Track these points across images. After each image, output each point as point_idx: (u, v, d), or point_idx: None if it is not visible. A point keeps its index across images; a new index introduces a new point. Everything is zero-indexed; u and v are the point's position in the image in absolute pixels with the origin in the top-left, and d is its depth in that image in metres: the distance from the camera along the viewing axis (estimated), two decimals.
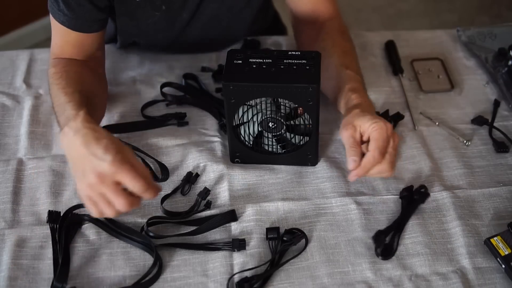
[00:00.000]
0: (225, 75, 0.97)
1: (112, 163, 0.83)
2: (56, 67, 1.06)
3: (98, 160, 0.84)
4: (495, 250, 0.93)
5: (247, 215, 0.99)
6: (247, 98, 0.97)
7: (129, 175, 0.84)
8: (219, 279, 0.91)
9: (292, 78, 0.95)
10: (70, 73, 1.04)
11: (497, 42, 1.29)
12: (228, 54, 1.00)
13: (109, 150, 0.85)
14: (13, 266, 0.92)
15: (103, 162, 0.84)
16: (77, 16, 1.03)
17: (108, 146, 0.85)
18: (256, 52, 1.00)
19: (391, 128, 0.91)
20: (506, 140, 1.11)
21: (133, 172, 0.84)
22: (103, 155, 0.84)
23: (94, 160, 0.84)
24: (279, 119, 0.99)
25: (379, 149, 0.89)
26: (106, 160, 0.84)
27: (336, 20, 1.16)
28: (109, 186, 0.84)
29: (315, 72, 0.96)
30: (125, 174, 0.84)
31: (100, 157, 0.84)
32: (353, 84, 1.01)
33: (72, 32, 1.06)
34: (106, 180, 0.84)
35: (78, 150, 0.87)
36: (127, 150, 0.87)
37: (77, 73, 1.05)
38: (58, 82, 1.02)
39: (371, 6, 2.85)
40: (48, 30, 1.09)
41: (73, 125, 0.89)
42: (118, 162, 0.84)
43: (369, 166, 0.90)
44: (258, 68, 0.97)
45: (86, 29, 1.06)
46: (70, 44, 1.08)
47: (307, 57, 0.98)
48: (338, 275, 0.91)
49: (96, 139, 0.86)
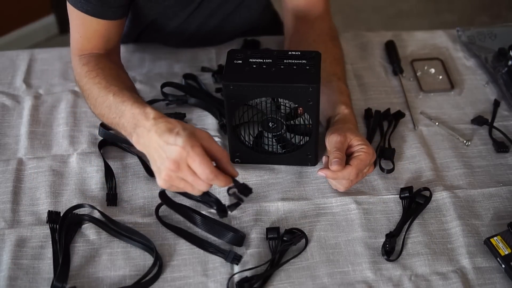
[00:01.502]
0: (225, 75, 0.97)
1: (182, 147, 0.83)
2: (88, 65, 1.04)
3: (171, 146, 0.84)
4: (495, 250, 0.93)
5: (247, 215, 0.99)
6: (247, 98, 0.97)
7: (197, 159, 0.83)
8: (219, 279, 0.91)
9: (292, 78, 0.95)
10: (105, 71, 1.03)
11: (497, 42, 1.29)
12: (228, 54, 1.00)
13: (180, 135, 0.84)
14: (13, 266, 0.92)
15: (175, 146, 0.83)
16: (102, 2, 1.02)
17: (179, 132, 0.85)
18: (256, 52, 1.00)
19: (374, 158, 0.98)
20: (506, 140, 1.11)
21: (201, 157, 0.83)
22: (175, 140, 0.84)
23: (167, 148, 0.84)
24: (279, 119, 0.99)
25: (359, 169, 0.96)
26: (178, 144, 0.83)
27: (327, 21, 1.19)
28: (186, 171, 0.84)
29: (315, 72, 0.96)
30: (194, 158, 0.83)
31: (172, 142, 0.84)
32: (346, 99, 1.06)
33: (98, 21, 1.04)
34: (181, 165, 0.84)
35: (154, 143, 0.87)
36: (202, 134, 0.87)
37: (112, 69, 1.04)
38: (97, 81, 1.01)
39: (371, 6, 2.85)
40: (48, 30, 1.10)
41: (147, 124, 0.89)
42: (189, 146, 0.83)
43: (343, 176, 0.96)
44: (258, 68, 0.97)
45: (112, 16, 1.05)
46: (97, 34, 1.06)
47: (307, 57, 0.98)
48: (338, 275, 0.91)
49: (169, 129, 0.86)
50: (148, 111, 0.90)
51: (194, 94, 1.18)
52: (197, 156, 0.83)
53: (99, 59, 1.06)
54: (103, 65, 1.04)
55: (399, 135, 1.13)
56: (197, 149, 0.83)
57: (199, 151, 0.83)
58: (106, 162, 1.05)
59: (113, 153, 1.08)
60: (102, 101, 0.99)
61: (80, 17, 1.04)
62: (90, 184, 1.04)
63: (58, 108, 1.17)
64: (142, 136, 0.89)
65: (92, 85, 1.01)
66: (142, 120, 0.90)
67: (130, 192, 1.02)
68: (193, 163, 0.84)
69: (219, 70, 1.23)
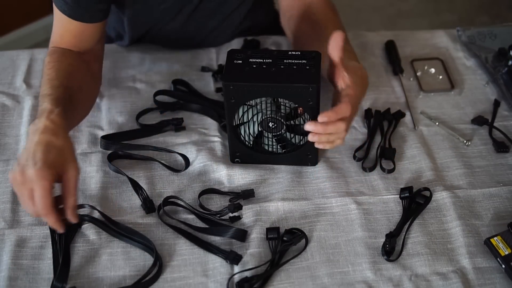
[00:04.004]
0: (225, 75, 0.97)
1: (37, 171, 0.84)
2: (51, 56, 1.06)
3: (32, 160, 0.85)
4: (495, 250, 0.93)
5: (247, 215, 0.99)
6: (247, 98, 0.97)
7: (40, 192, 0.84)
8: (219, 279, 0.91)
9: (292, 78, 0.95)
10: (62, 65, 1.04)
11: (497, 42, 1.29)
12: (228, 54, 1.00)
13: (45, 159, 0.85)
14: (13, 266, 0.92)
15: (34, 166, 0.84)
16: (79, 5, 1.03)
17: (49, 154, 0.86)
18: (256, 52, 1.00)
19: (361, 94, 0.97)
20: (506, 140, 1.11)
21: (43, 192, 0.84)
22: (38, 159, 0.85)
23: (30, 159, 0.85)
24: (279, 119, 0.99)
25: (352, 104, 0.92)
26: (36, 165, 0.84)
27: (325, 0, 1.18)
28: (26, 190, 0.85)
29: (315, 72, 0.95)
30: (37, 188, 0.84)
31: (35, 159, 0.85)
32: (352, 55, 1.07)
33: (72, 22, 1.05)
34: (26, 182, 0.84)
35: (30, 143, 0.88)
36: (70, 169, 0.87)
37: (70, 65, 1.05)
38: (49, 73, 1.02)
39: (371, 6, 2.85)
40: (48, 30, 1.09)
41: (41, 122, 0.90)
42: (41, 175, 0.84)
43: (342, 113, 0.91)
44: (258, 68, 0.97)
45: (87, 19, 1.06)
46: (70, 34, 1.07)
47: (307, 57, 0.98)
48: (338, 275, 0.91)
49: (47, 143, 0.87)
50: (55, 111, 0.92)
51: (190, 99, 1.17)
52: (40, 190, 0.84)
53: (63, 53, 1.06)
54: (63, 59, 1.05)
55: (399, 135, 1.13)
56: (45, 183, 0.84)
57: (45, 186, 0.84)
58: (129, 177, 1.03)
59: (118, 163, 1.08)
60: (42, 90, 0.99)
61: (59, 15, 1.06)
62: (90, 184, 1.04)
63: None
64: (33, 126, 0.91)
65: (45, 75, 1.02)
66: (42, 116, 0.91)
67: (130, 192, 1.02)
68: (35, 191, 0.84)
69: (219, 70, 1.23)
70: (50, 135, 0.89)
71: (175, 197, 0.99)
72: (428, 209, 1.00)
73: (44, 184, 0.84)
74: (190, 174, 1.05)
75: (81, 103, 1.04)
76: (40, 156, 0.85)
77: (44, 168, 0.84)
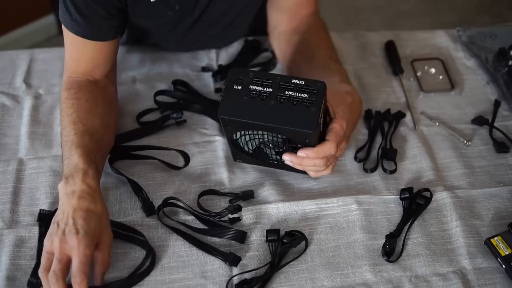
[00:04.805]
0: (221, 107, 0.91)
1: (79, 239, 0.85)
2: (68, 91, 1.03)
3: (73, 227, 0.85)
4: (495, 250, 0.93)
5: (247, 216, 0.98)
6: (243, 129, 0.93)
7: (81, 259, 0.84)
8: (218, 281, 0.90)
9: (290, 120, 0.89)
10: (81, 102, 1.01)
11: (497, 42, 1.29)
12: (229, 75, 0.93)
13: (87, 227, 0.86)
14: (11, 266, 0.92)
15: (75, 233, 0.85)
16: (92, 23, 1.00)
17: (90, 222, 0.87)
18: (258, 76, 0.92)
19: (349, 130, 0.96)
20: (506, 140, 1.11)
21: (83, 261, 0.84)
22: (80, 227, 0.85)
23: (71, 225, 0.86)
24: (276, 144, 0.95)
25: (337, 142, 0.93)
26: (78, 234, 0.85)
27: (316, 17, 1.19)
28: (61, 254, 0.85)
29: (315, 112, 0.89)
30: (76, 257, 0.84)
31: (76, 227, 0.85)
32: (345, 78, 1.07)
33: (87, 43, 1.02)
34: (64, 248, 0.85)
35: (68, 206, 0.88)
36: (106, 236, 0.88)
37: (89, 101, 1.02)
38: (69, 113, 1.00)
39: (371, 6, 2.84)
40: (48, 30, 1.09)
41: (77, 184, 0.90)
42: (86, 243, 0.85)
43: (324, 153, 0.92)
44: (257, 100, 0.90)
45: (103, 37, 1.03)
46: (86, 57, 1.05)
47: (310, 90, 0.90)
48: (338, 277, 0.91)
49: (87, 210, 0.88)
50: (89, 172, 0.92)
51: (189, 99, 1.17)
52: (82, 257, 0.84)
53: (81, 87, 1.04)
54: (81, 95, 1.02)
55: (399, 135, 1.12)
56: (87, 251, 0.85)
57: (87, 253, 0.85)
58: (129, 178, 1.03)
59: (118, 163, 1.07)
60: (65, 133, 0.98)
61: (72, 38, 1.03)
62: None
63: (58, 108, 1.16)
64: (66, 187, 0.90)
65: (65, 116, 1.00)
66: (76, 177, 0.91)
67: (130, 193, 1.02)
68: (74, 258, 0.84)
69: (219, 71, 1.23)
70: (89, 202, 0.89)
71: (175, 198, 0.99)
72: (428, 210, 1.00)
73: (86, 252, 0.84)
74: (191, 174, 1.05)
75: (105, 140, 1.02)
76: (82, 223, 0.86)
77: (86, 237, 0.85)
